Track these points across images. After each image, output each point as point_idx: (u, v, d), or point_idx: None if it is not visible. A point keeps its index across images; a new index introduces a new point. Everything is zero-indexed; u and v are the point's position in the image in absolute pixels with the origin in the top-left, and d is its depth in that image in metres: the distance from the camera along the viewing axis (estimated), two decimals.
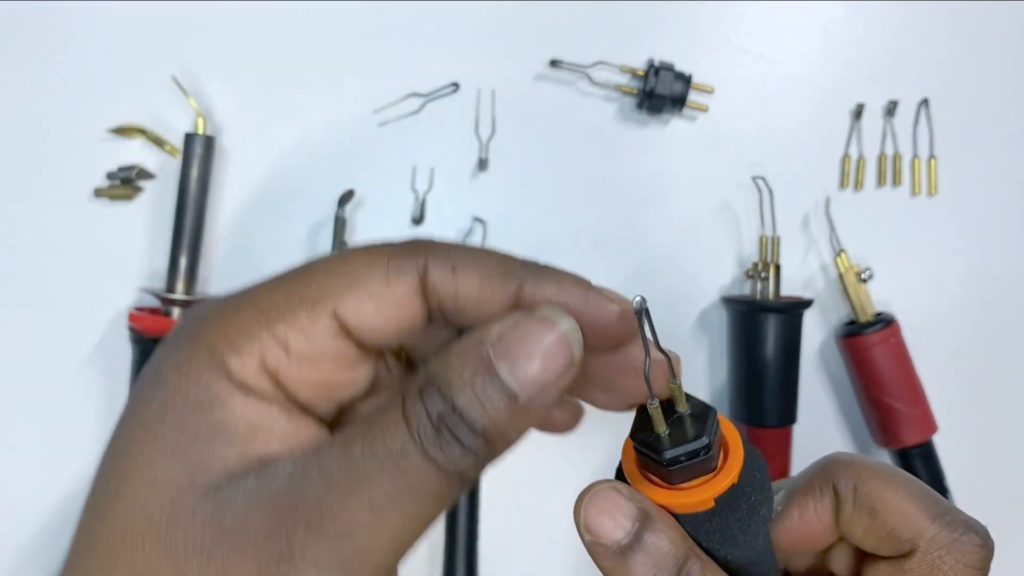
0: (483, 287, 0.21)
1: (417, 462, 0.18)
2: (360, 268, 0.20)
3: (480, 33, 0.49)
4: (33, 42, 0.47)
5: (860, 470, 0.23)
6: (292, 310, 0.20)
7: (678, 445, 0.20)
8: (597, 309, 0.21)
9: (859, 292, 0.47)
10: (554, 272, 0.22)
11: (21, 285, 0.47)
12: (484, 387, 0.19)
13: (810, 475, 0.24)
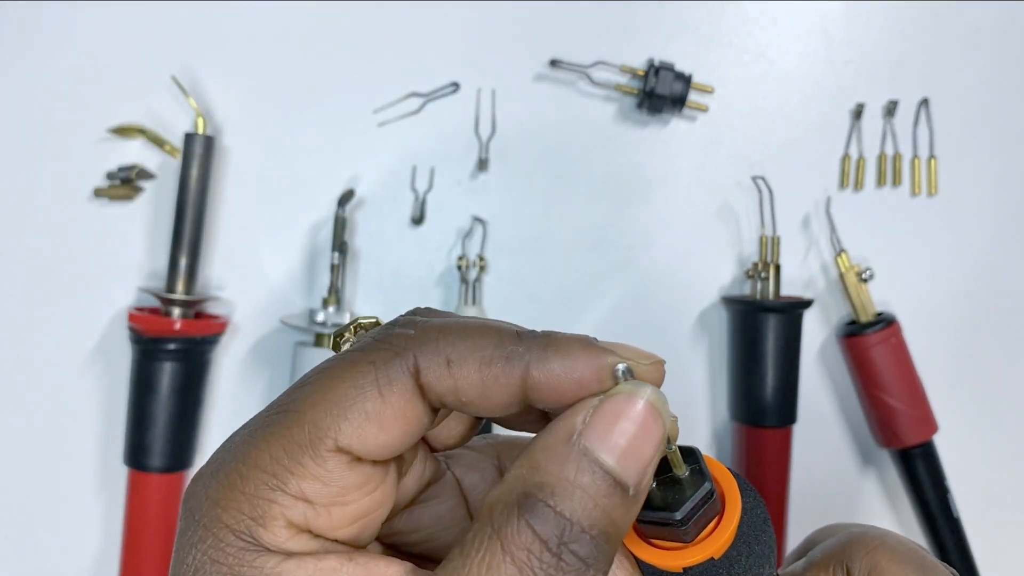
0: (485, 378, 0.19)
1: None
2: (349, 391, 0.19)
3: (480, 33, 0.49)
4: (33, 42, 0.47)
5: (879, 558, 0.21)
6: (296, 460, 0.18)
7: (683, 501, 0.19)
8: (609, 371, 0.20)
9: (860, 292, 0.47)
10: (556, 341, 0.19)
11: (21, 285, 0.47)
12: (593, 483, 0.17)
13: (831, 548, 0.23)
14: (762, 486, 0.47)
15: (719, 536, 0.20)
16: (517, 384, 0.19)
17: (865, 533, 0.23)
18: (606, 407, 0.18)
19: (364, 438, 0.18)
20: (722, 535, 0.20)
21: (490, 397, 0.19)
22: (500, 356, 0.19)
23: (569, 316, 0.49)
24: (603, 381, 0.19)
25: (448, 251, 0.49)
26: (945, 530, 0.48)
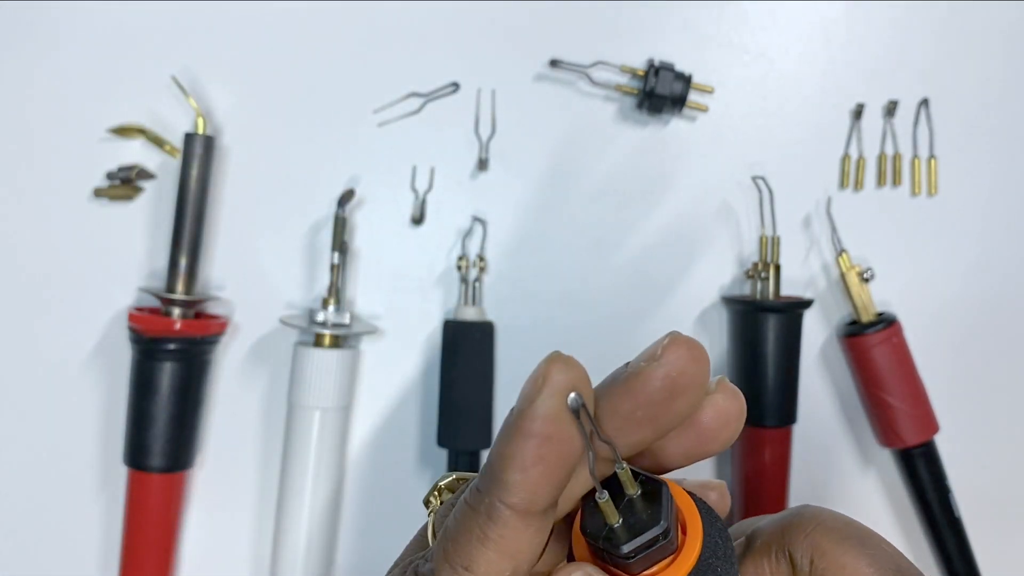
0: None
1: None
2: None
3: (480, 33, 0.49)
4: (33, 42, 0.47)
5: (819, 539, 0.21)
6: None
7: (635, 535, 0.19)
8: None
9: (861, 292, 0.47)
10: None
11: (21, 285, 0.47)
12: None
13: (771, 533, 0.22)
14: (762, 486, 0.47)
15: (696, 533, 0.20)
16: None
17: (800, 515, 0.22)
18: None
19: None
20: (697, 531, 0.20)
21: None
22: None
23: (569, 316, 0.49)
24: None
25: (448, 251, 0.49)
26: (946, 530, 0.48)
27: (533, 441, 0.17)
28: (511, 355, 0.49)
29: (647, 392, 0.19)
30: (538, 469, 0.18)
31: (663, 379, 0.18)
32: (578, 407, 0.18)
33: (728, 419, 0.20)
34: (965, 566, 0.47)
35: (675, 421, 0.19)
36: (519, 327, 0.49)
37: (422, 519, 0.23)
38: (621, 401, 0.19)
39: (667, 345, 0.19)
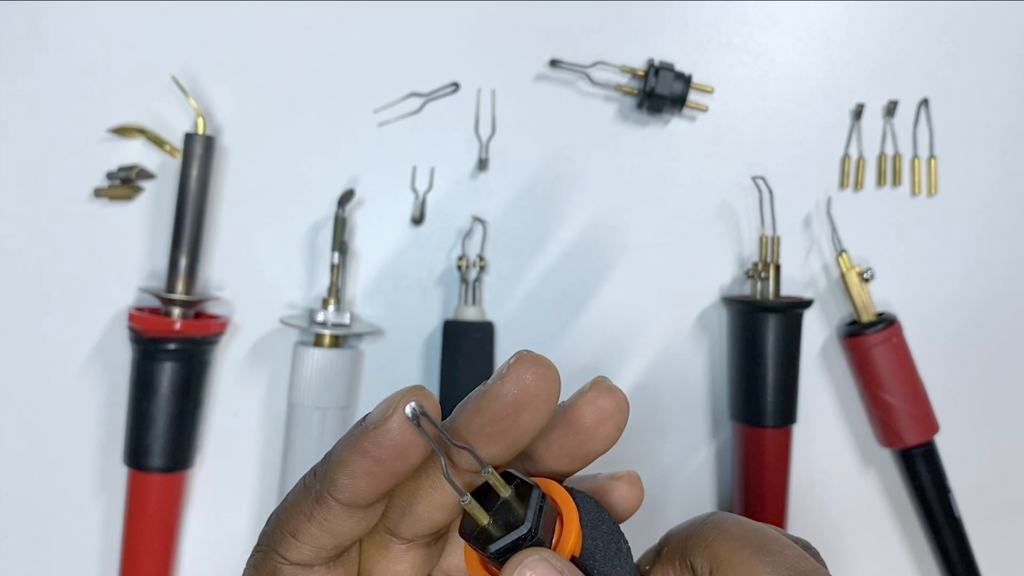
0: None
1: None
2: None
3: (480, 33, 0.49)
4: (33, 42, 0.47)
5: (719, 549, 0.21)
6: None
7: (504, 535, 0.20)
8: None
9: (861, 292, 0.47)
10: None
11: (21, 285, 0.47)
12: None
13: (675, 541, 0.22)
14: (762, 486, 0.47)
15: (569, 531, 0.20)
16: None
17: (703, 523, 0.22)
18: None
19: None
20: (572, 529, 0.20)
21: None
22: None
23: (569, 316, 0.49)
24: None
25: (448, 251, 0.49)
26: (947, 530, 0.48)
27: (367, 459, 0.19)
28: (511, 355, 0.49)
29: (493, 409, 0.20)
30: (365, 480, 0.20)
31: (507, 396, 0.20)
32: (416, 416, 0.19)
33: (604, 416, 0.22)
34: (965, 566, 0.47)
35: (526, 434, 0.20)
36: (519, 327, 0.49)
37: None
38: (471, 417, 0.20)
39: (512, 364, 0.20)
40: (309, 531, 0.20)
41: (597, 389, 0.22)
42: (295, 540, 0.20)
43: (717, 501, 0.50)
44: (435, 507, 0.22)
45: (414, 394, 0.20)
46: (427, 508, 0.22)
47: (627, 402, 0.22)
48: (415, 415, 0.19)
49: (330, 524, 0.20)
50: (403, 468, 0.20)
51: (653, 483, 0.50)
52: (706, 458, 0.50)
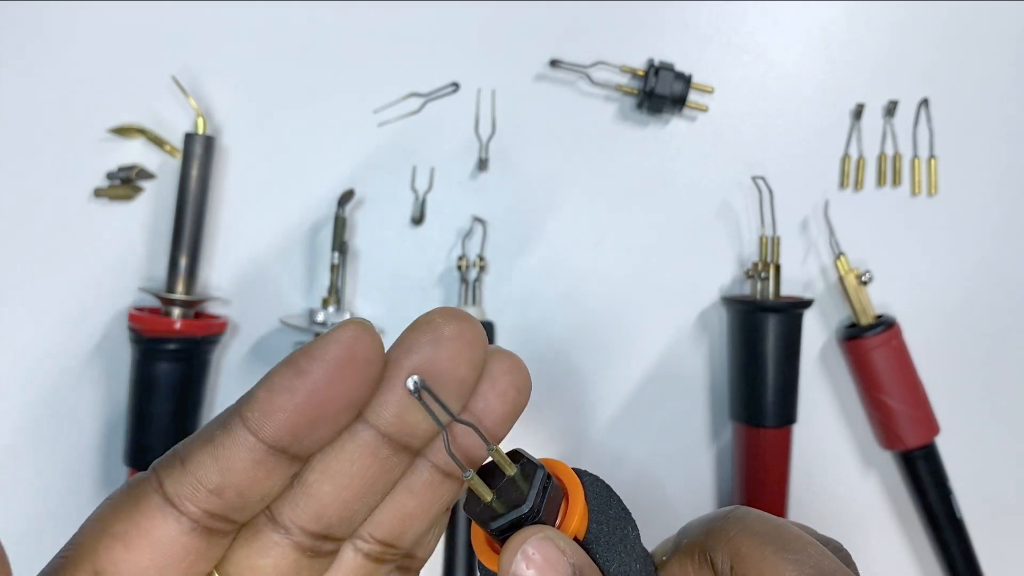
0: (223, 467, 0.18)
1: None
2: (106, 515, 0.18)
3: (480, 33, 0.49)
4: (33, 42, 0.47)
5: (740, 545, 0.20)
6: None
7: (507, 512, 0.19)
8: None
9: (860, 295, 0.47)
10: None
11: (21, 285, 0.47)
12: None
13: (695, 534, 0.22)
14: (762, 486, 0.47)
15: (573, 513, 0.20)
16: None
17: (725, 517, 0.21)
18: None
19: (114, 560, 0.17)
20: (576, 510, 0.20)
21: (253, 487, 0.18)
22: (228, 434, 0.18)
23: (569, 316, 0.49)
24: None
25: (448, 251, 0.49)
26: (949, 531, 0.48)
27: (291, 370, 0.17)
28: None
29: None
30: (285, 396, 0.17)
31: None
32: (418, 389, 0.18)
33: (509, 367, 0.20)
34: (968, 567, 0.47)
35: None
36: (519, 327, 0.49)
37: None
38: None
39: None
40: (199, 458, 0.17)
41: (498, 352, 0.20)
42: (181, 466, 0.18)
43: (717, 501, 0.50)
44: (342, 487, 0.19)
45: (357, 331, 0.17)
46: (332, 488, 0.19)
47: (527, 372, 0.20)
48: (417, 388, 0.18)
49: (225, 455, 0.17)
50: (333, 395, 0.17)
51: (653, 483, 0.50)
52: (706, 458, 0.50)
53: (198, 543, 0.18)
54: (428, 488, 0.20)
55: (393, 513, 0.20)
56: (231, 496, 0.18)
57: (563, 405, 0.49)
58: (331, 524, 0.19)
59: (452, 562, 0.46)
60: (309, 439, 0.18)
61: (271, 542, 0.19)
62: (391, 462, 0.19)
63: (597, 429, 0.49)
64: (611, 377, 0.49)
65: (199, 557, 0.18)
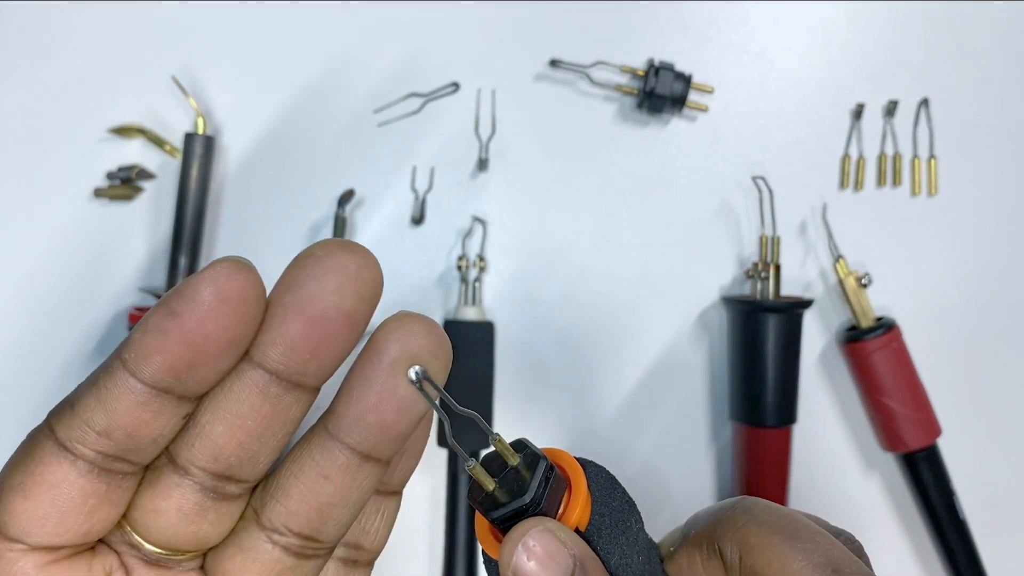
0: (108, 409, 0.18)
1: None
2: (6, 470, 0.18)
3: (480, 33, 0.49)
4: (33, 42, 0.47)
5: (749, 535, 0.20)
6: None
7: (508, 502, 0.19)
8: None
9: (859, 298, 0.47)
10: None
11: (21, 285, 0.47)
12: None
13: (703, 525, 0.22)
14: (762, 486, 0.47)
15: (575, 504, 0.20)
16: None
17: (733, 508, 0.21)
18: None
19: (15, 512, 0.17)
20: (578, 501, 0.20)
21: (144, 428, 0.17)
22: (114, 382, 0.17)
23: (569, 316, 0.49)
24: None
25: (448, 251, 0.49)
26: (952, 533, 0.47)
27: (163, 311, 0.17)
28: (511, 355, 0.49)
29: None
30: (156, 336, 0.17)
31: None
32: (419, 379, 0.18)
33: (397, 326, 0.19)
34: (972, 569, 0.47)
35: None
36: (519, 327, 0.49)
37: (420, 520, 0.23)
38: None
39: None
40: (86, 402, 0.17)
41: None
42: (70, 410, 0.17)
43: (717, 500, 0.50)
44: (235, 428, 0.18)
45: (230, 269, 0.17)
46: (225, 428, 0.18)
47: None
48: (419, 378, 0.18)
49: (108, 396, 0.17)
50: (208, 335, 0.17)
51: (653, 483, 0.50)
52: (706, 458, 0.50)
53: (97, 485, 0.18)
54: (344, 473, 0.19)
55: (307, 503, 0.19)
56: (120, 438, 0.17)
57: (562, 405, 0.49)
58: (231, 465, 0.19)
59: (452, 562, 0.46)
60: (191, 380, 0.17)
61: (172, 483, 0.19)
62: (284, 401, 0.19)
63: (596, 429, 0.49)
64: (611, 377, 0.49)
65: (101, 500, 0.18)
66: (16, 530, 0.18)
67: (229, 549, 0.20)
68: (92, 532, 0.18)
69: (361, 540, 0.22)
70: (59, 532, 0.18)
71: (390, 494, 0.22)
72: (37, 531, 0.18)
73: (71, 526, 0.18)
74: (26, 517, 0.18)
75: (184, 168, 0.46)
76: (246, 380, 0.18)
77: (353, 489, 0.20)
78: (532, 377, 0.49)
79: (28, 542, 0.18)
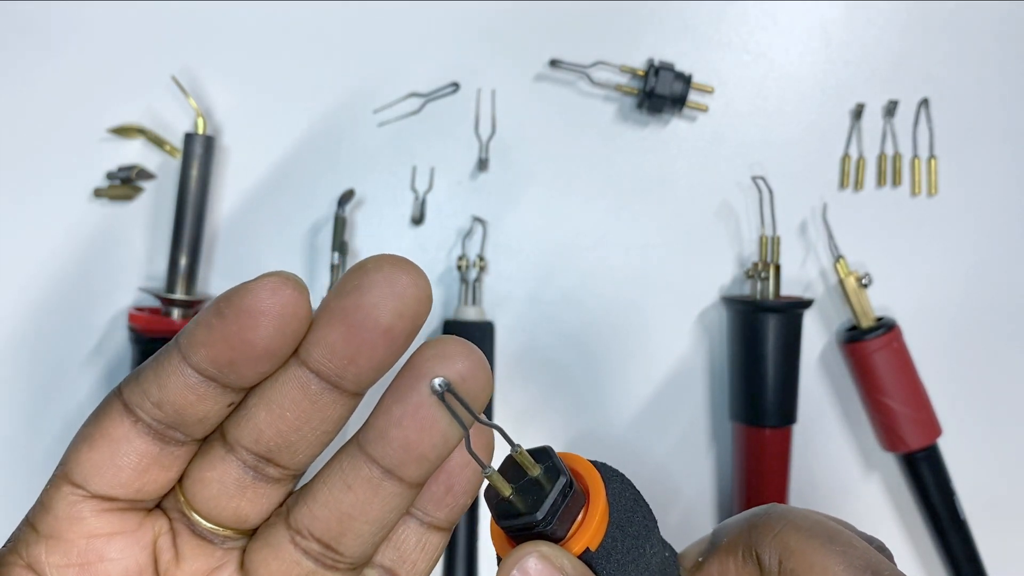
0: (164, 382, 0.20)
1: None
2: (82, 428, 0.20)
3: (480, 33, 0.49)
4: (33, 42, 0.47)
5: (788, 539, 0.21)
6: (44, 492, 0.21)
7: (521, 514, 0.19)
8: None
9: (860, 298, 0.47)
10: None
11: (21, 285, 0.47)
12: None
13: (736, 532, 0.22)
14: (762, 486, 0.47)
15: (589, 524, 0.20)
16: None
17: (768, 514, 0.22)
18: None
19: (80, 460, 0.20)
20: (591, 523, 0.20)
21: (192, 407, 0.19)
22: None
23: (569, 316, 0.49)
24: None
25: (448, 251, 0.49)
26: (952, 533, 0.47)
27: (213, 309, 0.18)
28: (511, 355, 0.49)
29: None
30: (204, 331, 0.18)
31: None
32: (443, 391, 0.18)
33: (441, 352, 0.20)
34: (972, 568, 0.47)
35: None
36: (519, 327, 0.49)
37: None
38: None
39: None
40: (147, 374, 0.19)
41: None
42: (136, 378, 0.19)
43: (717, 501, 0.50)
44: (275, 416, 0.19)
45: (276, 284, 0.18)
46: (267, 415, 0.20)
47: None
48: (442, 390, 0.18)
49: (162, 372, 0.19)
50: (247, 342, 0.18)
51: (653, 483, 0.50)
52: (706, 458, 0.50)
53: (151, 448, 0.20)
54: (367, 485, 0.20)
55: (330, 509, 0.20)
56: (170, 411, 0.19)
57: (562, 405, 0.49)
58: (270, 449, 0.20)
59: (452, 562, 0.46)
60: (233, 375, 0.19)
61: (218, 457, 0.20)
62: (322, 399, 0.19)
63: (596, 429, 0.49)
64: (610, 377, 0.49)
65: (153, 462, 0.20)
66: (79, 476, 0.20)
67: (259, 541, 0.21)
68: (144, 491, 0.20)
69: (398, 568, 0.22)
70: (114, 484, 0.20)
71: (434, 528, 0.22)
72: (96, 479, 0.20)
73: (125, 480, 0.20)
74: (89, 465, 0.19)
75: (184, 168, 0.46)
76: (290, 374, 0.19)
77: (374, 504, 0.20)
78: (532, 377, 0.49)
79: (88, 489, 0.20)
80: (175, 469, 0.20)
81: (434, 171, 0.49)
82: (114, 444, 0.19)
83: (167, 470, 0.20)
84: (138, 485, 0.20)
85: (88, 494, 0.20)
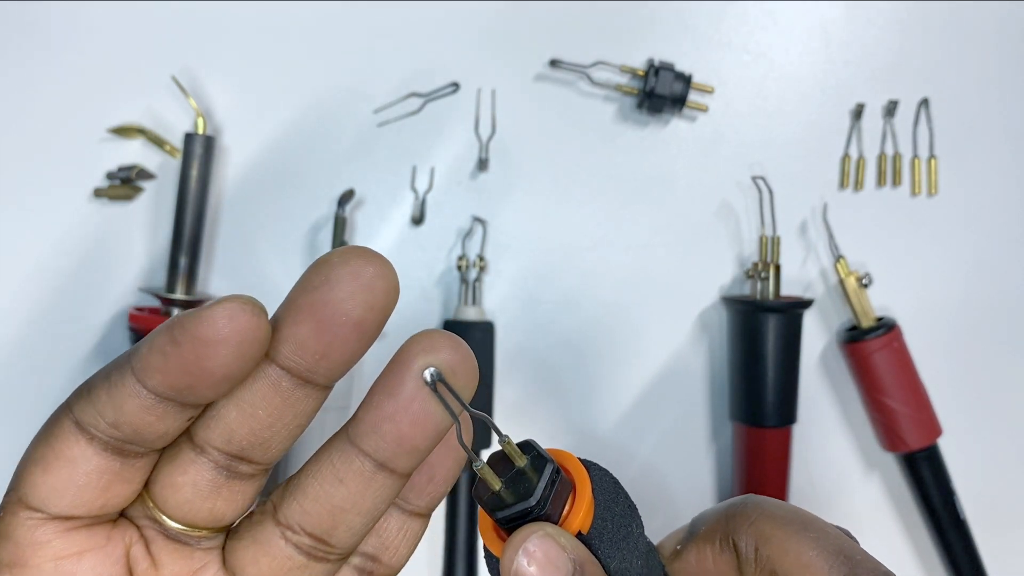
0: (114, 396, 0.19)
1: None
2: (32, 447, 0.19)
3: (480, 33, 0.49)
4: (33, 42, 0.47)
5: (763, 527, 0.21)
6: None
7: (514, 503, 0.20)
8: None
9: (860, 298, 0.47)
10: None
11: (21, 285, 0.47)
12: None
13: (714, 521, 0.22)
14: (762, 486, 0.47)
15: (579, 508, 0.20)
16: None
17: (744, 503, 0.22)
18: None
19: (34, 484, 0.19)
20: (581, 506, 0.20)
21: (151, 425, 0.18)
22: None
23: (569, 316, 0.49)
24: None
25: (448, 251, 0.49)
26: (952, 533, 0.47)
27: (167, 336, 0.17)
28: (511, 355, 0.49)
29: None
30: (158, 357, 0.17)
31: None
32: (434, 381, 0.18)
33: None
34: (972, 568, 0.47)
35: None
36: (519, 327, 0.49)
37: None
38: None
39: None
40: (99, 394, 0.18)
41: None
42: (87, 395, 0.18)
43: (717, 500, 0.50)
44: (247, 415, 0.19)
45: (232, 311, 0.17)
46: (238, 414, 0.19)
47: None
48: (433, 380, 0.19)
49: (117, 394, 0.18)
50: (204, 369, 0.17)
51: (653, 483, 0.50)
52: (706, 458, 0.50)
53: (111, 463, 0.19)
54: (359, 479, 0.20)
55: (321, 504, 0.20)
56: (128, 431, 0.18)
57: (562, 404, 0.49)
58: (243, 448, 0.19)
59: (452, 561, 0.46)
60: (191, 397, 0.18)
61: (188, 460, 0.20)
62: (295, 396, 0.19)
63: (596, 429, 0.49)
64: (611, 377, 0.49)
65: (115, 477, 0.19)
66: (36, 500, 0.19)
67: (244, 540, 0.21)
68: (108, 506, 0.19)
69: (380, 554, 0.22)
70: (76, 505, 0.19)
71: (415, 515, 0.23)
72: (56, 502, 0.19)
73: (87, 499, 0.19)
74: (45, 488, 0.19)
75: (184, 168, 0.46)
76: (260, 373, 0.19)
77: (366, 496, 0.20)
78: (532, 377, 0.49)
79: (47, 512, 0.19)
80: (138, 480, 0.20)
81: (434, 171, 0.49)
82: (71, 464, 0.18)
83: (130, 483, 0.19)
84: (102, 502, 0.19)
85: (48, 516, 0.19)
